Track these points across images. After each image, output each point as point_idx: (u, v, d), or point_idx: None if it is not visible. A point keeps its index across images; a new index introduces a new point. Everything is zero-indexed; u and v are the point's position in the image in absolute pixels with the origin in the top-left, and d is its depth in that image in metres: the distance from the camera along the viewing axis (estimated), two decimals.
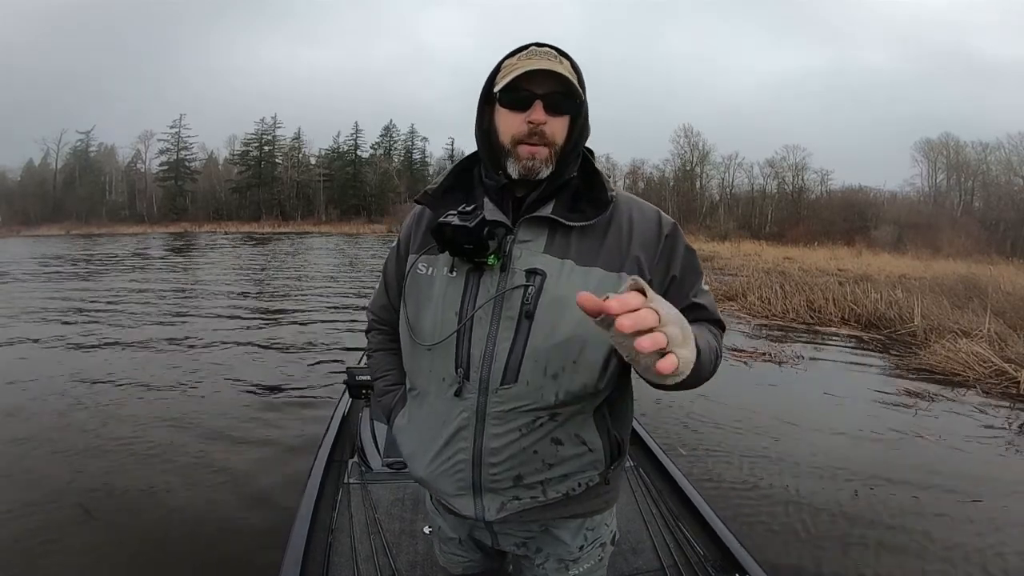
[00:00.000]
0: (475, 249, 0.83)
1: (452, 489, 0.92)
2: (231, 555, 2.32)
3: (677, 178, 47.74)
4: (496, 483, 0.89)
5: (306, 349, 5.99)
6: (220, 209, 49.87)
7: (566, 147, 0.87)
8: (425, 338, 0.89)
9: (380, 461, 2.35)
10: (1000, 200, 34.73)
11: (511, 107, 0.85)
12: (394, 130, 54.80)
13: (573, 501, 0.92)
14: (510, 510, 0.91)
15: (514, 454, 0.86)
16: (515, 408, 0.85)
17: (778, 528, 2.61)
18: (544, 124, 0.84)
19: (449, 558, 1.13)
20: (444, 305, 0.87)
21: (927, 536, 2.59)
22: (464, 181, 0.95)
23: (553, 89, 0.83)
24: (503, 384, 0.84)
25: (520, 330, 0.83)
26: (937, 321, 7.01)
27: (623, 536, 1.96)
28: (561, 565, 1.00)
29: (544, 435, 0.86)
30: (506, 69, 0.85)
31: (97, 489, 2.84)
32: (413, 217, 1.00)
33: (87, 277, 12.96)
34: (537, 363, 0.83)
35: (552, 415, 0.85)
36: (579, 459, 0.89)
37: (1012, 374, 5.06)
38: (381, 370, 1.09)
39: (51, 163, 49.60)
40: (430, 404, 0.92)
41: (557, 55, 0.86)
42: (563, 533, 0.98)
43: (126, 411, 3.98)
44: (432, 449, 0.92)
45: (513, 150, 0.85)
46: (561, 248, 0.85)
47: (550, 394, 0.83)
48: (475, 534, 1.05)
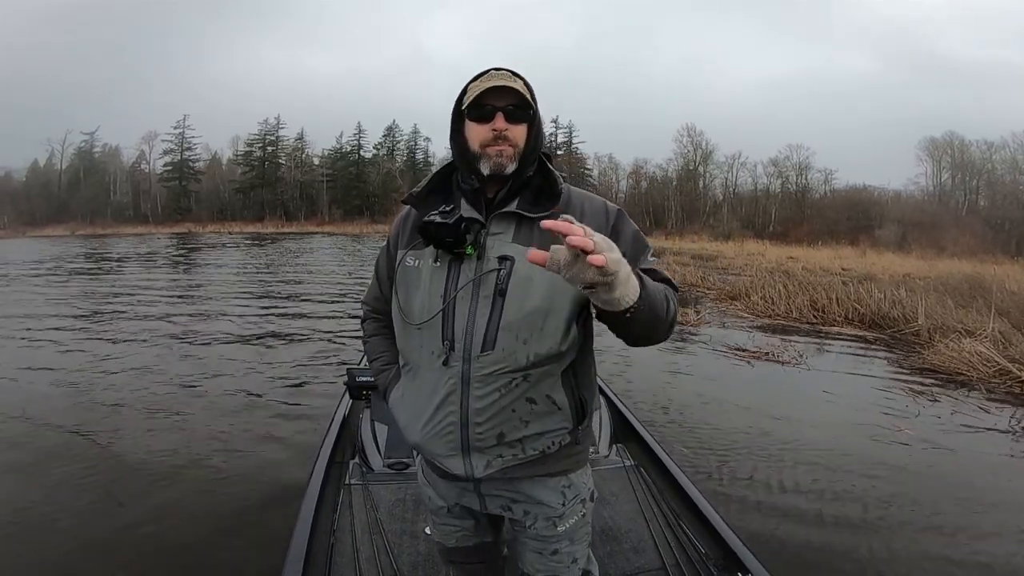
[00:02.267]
0: (455, 242, 0.99)
1: (444, 450, 1.06)
2: (233, 556, 2.32)
3: (680, 178, 47.63)
4: (482, 441, 1.03)
5: (307, 350, 6.00)
6: (224, 209, 49.97)
7: (526, 149, 1.05)
8: (415, 318, 1.04)
9: (381, 462, 2.36)
10: (1005, 199, 34.56)
11: (478, 120, 1.03)
12: (397, 130, 54.90)
13: (549, 459, 1.07)
14: (495, 467, 1.05)
15: (495, 413, 1.01)
16: (494, 371, 1.00)
17: (780, 526, 2.61)
18: (506, 130, 1.02)
19: (442, 529, 1.25)
20: (431, 290, 1.03)
21: (927, 535, 2.58)
22: (444, 186, 1.12)
23: (510, 102, 1.02)
24: (483, 352, 0.99)
25: (495, 306, 0.99)
26: (941, 321, 6.96)
27: (624, 535, 1.96)
28: (549, 523, 1.12)
29: (520, 395, 1.01)
30: (471, 91, 1.03)
31: (96, 489, 2.85)
32: (400, 218, 1.17)
33: (93, 277, 13.02)
34: (510, 332, 0.99)
35: (525, 376, 1.00)
36: (551, 417, 1.04)
37: (1016, 374, 5.03)
38: (377, 352, 1.25)
39: (56, 164, 49.94)
40: (422, 376, 1.06)
41: (512, 76, 1.04)
42: (544, 492, 1.11)
43: (126, 411, 4.00)
44: (424, 415, 1.06)
45: (483, 151, 1.03)
46: (526, 237, 1.01)
47: (522, 357, 0.99)
48: (464, 500, 1.17)
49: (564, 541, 1.14)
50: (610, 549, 1.88)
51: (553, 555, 1.14)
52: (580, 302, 1.00)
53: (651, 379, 4.92)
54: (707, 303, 9.47)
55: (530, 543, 1.15)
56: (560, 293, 0.98)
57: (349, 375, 2.62)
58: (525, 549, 1.17)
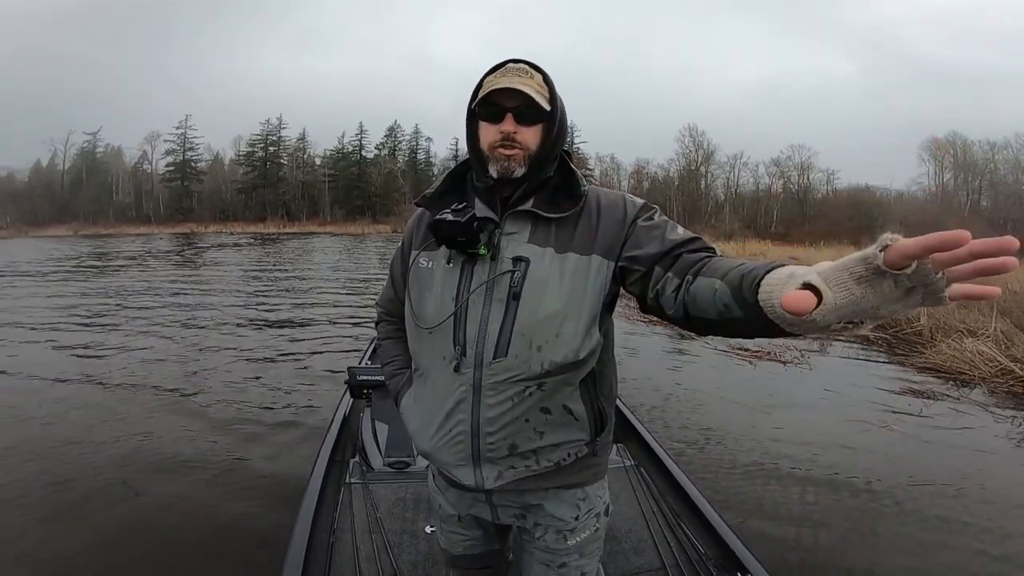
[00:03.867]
0: (467, 241, 0.94)
1: (454, 460, 1.01)
2: (233, 555, 2.33)
3: (682, 178, 47.62)
4: (493, 452, 0.98)
5: (308, 349, 6.01)
6: (226, 209, 50.12)
7: (540, 151, 0.97)
8: (427, 322, 0.99)
9: (381, 461, 2.36)
10: (1008, 199, 34.51)
11: (487, 119, 0.97)
12: (398, 130, 55.07)
13: (564, 471, 1.02)
14: (507, 479, 1.00)
15: (508, 423, 0.96)
16: (507, 379, 0.94)
17: (780, 526, 2.60)
18: (515, 133, 0.95)
19: (450, 537, 1.20)
20: (443, 292, 0.98)
21: (927, 534, 2.57)
22: (459, 185, 1.06)
23: (520, 103, 0.94)
24: (495, 358, 0.94)
25: (509, 310, 0.93)
26: (943, 320, 6.95)
27: (624, 535, 1.96)
28: (560, 536, 1.07)
29: (534, 404, 0.95)
30: (484, 86, 0.96)
31: (96, 489, 2.86)
32: (415, 218, 1.12)
33: (93, 277, 13.06)
34: (524, 337, 0.92)
35: (539, 385, 0.94)
36: (567, 429, 0.98)
37: (1018, 373, 5.01)
38: (389, 356, 1.21)
39: (58, 164, 50.15)
40: (432, 381, 1.01)
41: (529, 70, 0.96)
42: (558, 505, 1.06)
43: (125, 411, 4.00)
44: (435, 422, 1.01)
45: (491, 154, 0.96)
46: (542, 237, 0.96)
47: (536, 365, 0.92)
48: (474, 510, 1.12)
49: (574, 555, 1.09)
50: (610, 549, 1.88)
51: (560, 568, 1.09)
52: (601, 306, 0.94)
53: (652, 378, 4.91)
54: None
55: (538, 554, 1.11)
56: (579, 296, 0.92)
57: (350, 374, 2.62)
58: (532, 560, 1.13)
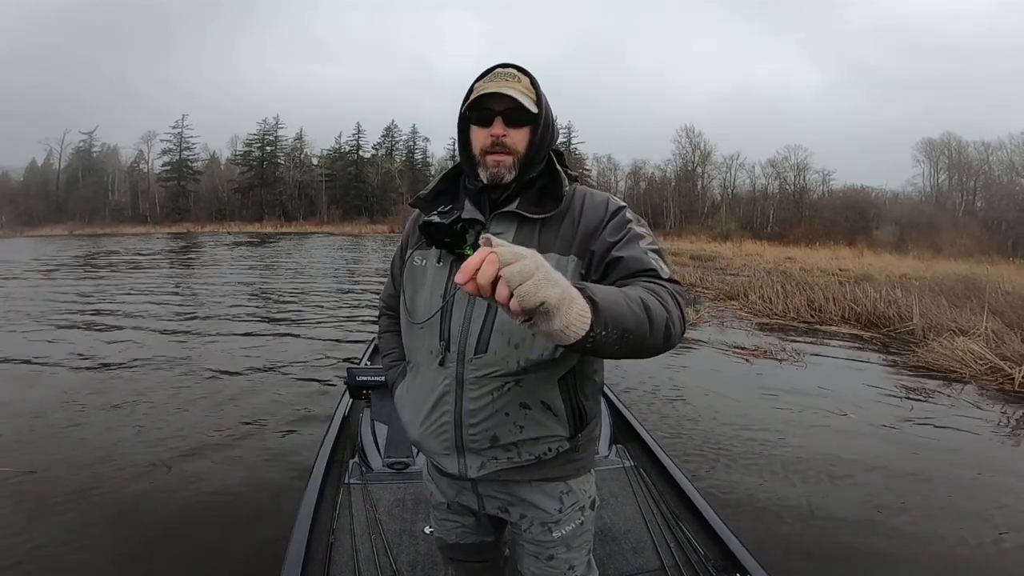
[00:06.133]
0: (453, 241, 0.99)
1: (439, 448, 1.06)
2: (232, 555, 2.32)
3: (679, 178, 47.72)
4: (475, 443, 1.03)
5: (307, 349, 6.00)
6: (223, 209, 49.93)
7: (528, 153, 1.02)
8: (418, 317, 1.06)
9: (381, 461, 2.36)
10: (1002, 200, 34.68)
11: (477, 124, 1.01)
12: (396, 131, 54.93)
13: (546, 465, 1.06)
14: (489, 469, 1.04)
15: (488, 416, 1.01)
16: (487, 374, 0.99)
17: (779, 526, 2.61)
18: (505, 136, 0.99)
19: (442, 524, 1.25)
20: (432, 289, 1.04)
21: (926, 533, 2.59)
22: (453, 187, 1.12)
23: (509, 106, 0.98)
24: (476, 354, 0.99)
25: (490, 308, 0.98)
26: (935, 320, 7.00)
27: (624, 536, 1.97)
28: (544, 528, 1.11)
29: (513, 399, 1.00)
30: (474, 91, 1.00)
31: (96, 489, 2.85)
32: (413, 219, 1.17)
33: (92, 277, 12.99)
34: (503, 335, 0.97)
35: (517, 381, 0.99)
36: (546, 424, 1.03)
37: (1007, 371, 5.07)
38: (388, 348, 1.28)
39: (54, 163, 49.76)
40: (422, 374, 1.08)
41: (517, 73, 1.01)
42: (541, 497, 1.09)
43: (123, 411, 3.99)
44: (423, 412, 1.07)
45: (482, 159, 1.01)
46: (527, 238, 0.99)
47: (513, 362, 0.97)
48: (462, 498, 1.17)
49: (560, 547, 1.12)
50: (609, 550, 1.89)
51: (549, 560, 1.13)
52: None
53: (650, 379, 4.92)
54: (706, 303, 9.48)
55: (527, 546, 1.15)
56: None
57: (349, 375, 2.62)
58: (523, 552, 1.17)
